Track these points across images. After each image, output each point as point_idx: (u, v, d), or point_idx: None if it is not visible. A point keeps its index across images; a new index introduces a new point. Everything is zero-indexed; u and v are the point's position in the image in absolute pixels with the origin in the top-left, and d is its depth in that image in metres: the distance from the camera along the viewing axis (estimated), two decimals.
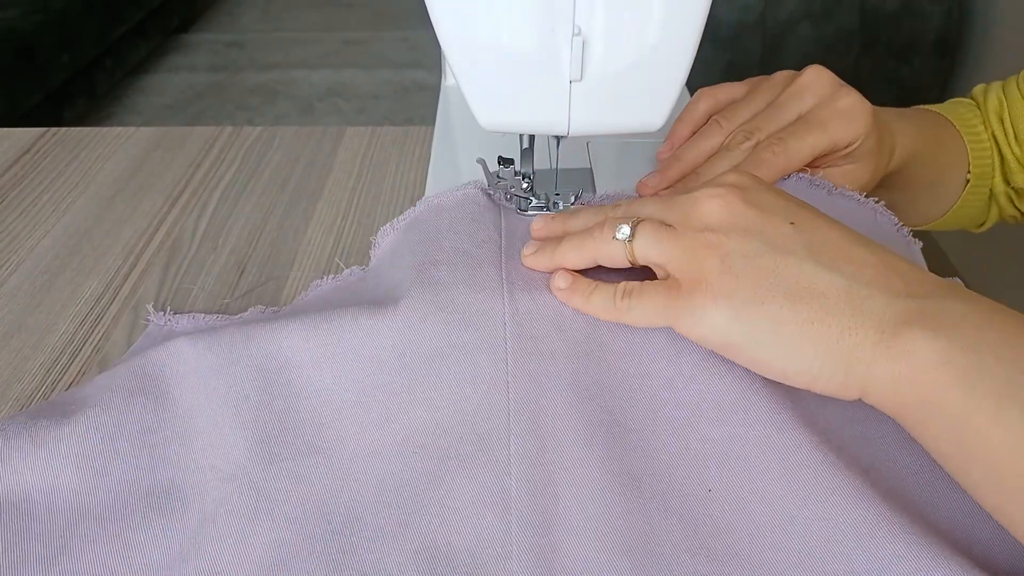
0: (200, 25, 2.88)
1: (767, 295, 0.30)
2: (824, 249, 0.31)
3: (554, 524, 0.30)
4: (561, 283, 0.36)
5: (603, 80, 0.36)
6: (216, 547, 0.30)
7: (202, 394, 0.35)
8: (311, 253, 0.50)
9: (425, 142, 0.62)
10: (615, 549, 0.29)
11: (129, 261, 0.50)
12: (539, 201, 0.45)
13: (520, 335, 0.35)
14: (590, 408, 0.33)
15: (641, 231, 0.34)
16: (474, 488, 0.32)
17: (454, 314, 0.35)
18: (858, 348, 0.29)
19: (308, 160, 0.60)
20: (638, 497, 0.31)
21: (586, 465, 0.31)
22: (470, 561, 0.30)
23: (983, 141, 0.52)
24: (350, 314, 0.36)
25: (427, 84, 2.39)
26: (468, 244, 0.39)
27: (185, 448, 0.34)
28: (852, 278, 0.30)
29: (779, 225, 0.32)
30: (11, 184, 0.58)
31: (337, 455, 0.33)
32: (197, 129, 0.65)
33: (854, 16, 1.52)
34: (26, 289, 0.47)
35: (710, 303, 0.31)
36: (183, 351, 0.36)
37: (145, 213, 0.54)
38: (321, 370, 0.35)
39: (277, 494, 0.32)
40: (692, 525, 0.30)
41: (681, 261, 0.33)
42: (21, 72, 1.87)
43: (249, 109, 2.30)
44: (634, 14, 0.34)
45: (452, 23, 0.36)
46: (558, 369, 0.34)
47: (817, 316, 0.30)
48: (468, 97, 0.38)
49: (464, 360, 0.34)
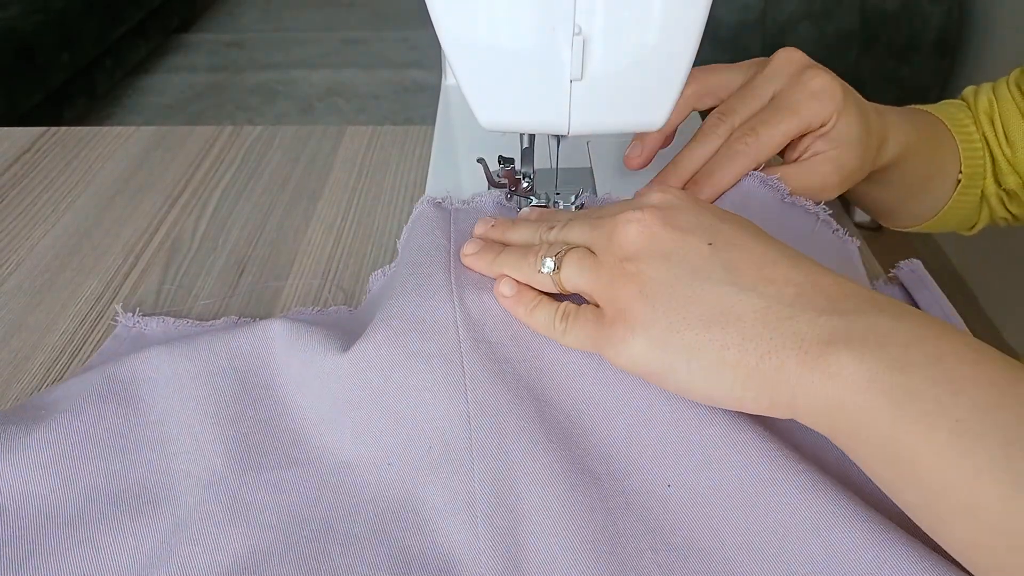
0: (200, 25, 2.88)
1: (683, 324, 0.30)
2: (743, 269, 0.31)
3: (519, 525, 0.31)
4: (506, 290, 0.36)
5: (603, 80, 0.36)
6: (189, 551, 0.31)
7: (177, 400, 0.35)
8: (311, 253, 0.50)
9: (425, 142, 0.62)
10: (579, 547, 0.30)
11: (129, 261, 0.50)
12: (539, 201, 0.45)
13: (474, 339, 0.35)
14: (548, 410, 0.34)
15: (567, 262, 0.34)
16: (444, 494, 0.32)
17: (405, 322, 0.36)
18: (780, 371, 0.28)
19: (308, 160, 0.60)
20: (599, 496, 0.31)
21: (547, 466, 0.32)
22: (442, 565, 0.31)
23: (975, 142, 0.52)
24: (328, 334, 0.37)
25: (427, 84, 2.39)
26: (419, 255, 0.39)
27: (157, 453, 0.34)
28: (771, 299, 0.29)
29: (697, 247, 0.32)
30: (11, 184, 0.58)
31: (315, 468, 0.34)
32: (197, 129, 0.65)
33: (854, 16, 1.52)
34: (26, 289, 0.47)
35: (629, 334, 0.31)
36: (158, 358, 0.36)
37: (145, 213, 0.54)
38: (301, 389, 0.36)
39: (254, 502, 0.32)
40: (653, 521, 0.31)
41: (604, 292, 0.33)
42: (21, 72, 1.87)
43: (249, 109, 2.30)
44: (634, 13, 0.34)
45: (452, 22, 0.36)
46: (514, 372, 0.35)
47: (733, 341, 0.29)
48: (468, 97, 0.38)
49: (420, 368, 0.35)
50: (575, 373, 0.35)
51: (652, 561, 0.30)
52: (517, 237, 0.39)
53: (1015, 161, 0.50)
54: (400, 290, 0.37)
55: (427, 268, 0.38)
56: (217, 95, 2.38)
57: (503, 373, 0.34)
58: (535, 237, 0.38)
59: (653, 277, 0.31)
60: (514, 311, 0.36)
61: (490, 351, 0.35)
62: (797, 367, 0.28)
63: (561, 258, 0.35)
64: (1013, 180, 0.50)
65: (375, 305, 0.42)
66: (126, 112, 2.30)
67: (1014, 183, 0.50)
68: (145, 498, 0.33)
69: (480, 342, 0.35)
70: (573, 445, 0.33)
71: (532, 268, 0.36)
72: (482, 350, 0.35)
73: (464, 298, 0.36)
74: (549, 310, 0.35)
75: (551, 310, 0.35)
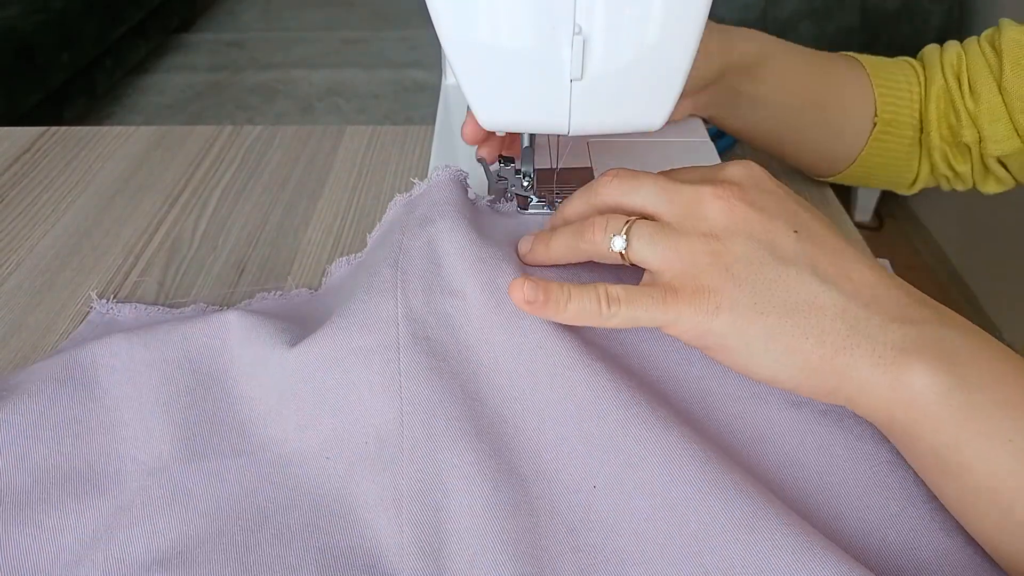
0: (200, 25, 2.88)
1: (767, 306, 0.31)
2: (825, 263, 0.31)
3: (443, 523, 0.31)
4: (531, 296, 0.33)
5: (604, 79, 0.36)
6: (127, 534, 0.31)
7: (131, 387, 0.36)
8: (311, 253, 0.50)
9: (425, 141, 0.62)
10: (500, 547, 0.30)
11: (129, 261, 0.50)
12: (540, 200, 0.45)
13: (413, 335, 0.35)
14: (480, 408, 0.34)
15: (636, 235, 0.33)
16: (373, 490, 0.33)
17: (350, 319, 0.36)
18: (850, 368, 0.30)
19: (308, 160, 0.60)
20: (525, 496, 0.32)
21: (475, 465, 0.32)
22: (368, 561, 0.31)
23: (899, 87, 0.52)
24: (283, 327, 0.37)
25: (427, 83, 2.38)
26: (378, 256, 0.39)
27: (108, 438, 0.34)
28: (850, 296, 0.30)
29: (784, 232, 0.32)
30: (11, 183, 0.58)
31: (258, 460, 0.34)
32: (197, 128, 0.65)
33: (855, 15, 1.52)
34: (26, 289, 0.47)
35: (712, 309, 0.31)
36: (117, 345, 0.37)
37: (145, 213, 0.54)
38: (250, 380, 0.36)
39: (194, 490, 0.33)
40: (578, 522, 0.31)
41: (682, 266, 0.32)
42: (21, 72, 1.87)
43: (249, 108, 2.30)
44: (635, 13, 0.34)
45: (452, 22, 0.35)
46: (450, 369, 0.35)
47: (813, 332, 0.30)
48: (468, 96, 0.38)
49: (360, 364, 0.35)
50: (510, 372, 0.35)
51: (572, 562, 0.30)
52: (571, 211, 0.38)
53: (977, 114, 0.49)
54: (353, 289, 0.38)
55: (378, 267, 0.38)
56: (217, 95, 2.38)
57: (439, 370, 0.34)
58: (588, 206, 0.37)
59: (740, 256, 0.31)
60: (543, 313, 0.33)
61: (428, 347, 0.35)
62: (869, 368, 0.29)
63: (629, 229, 0.34)
64: (971, 134, 0.50)
65: (335, 294, 0.43)
66: (126, 112, 2.30)
67: (971, 137, 0.50)
68: (92, 481, 0.33)
69: (418, 338, 0.35)
70: (503, 445, 0.33)
71: (591, 244, 0.35)
72: (420, 347, 0.35)
73: (408, 294, 0.36)
74: (588, 297, 0.33)
75: (590, 297, 0.33)
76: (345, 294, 0.40)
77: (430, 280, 0.37)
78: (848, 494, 0.32)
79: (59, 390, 0.35)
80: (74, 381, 0.36)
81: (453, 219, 0.38)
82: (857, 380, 0.29)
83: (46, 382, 0.35)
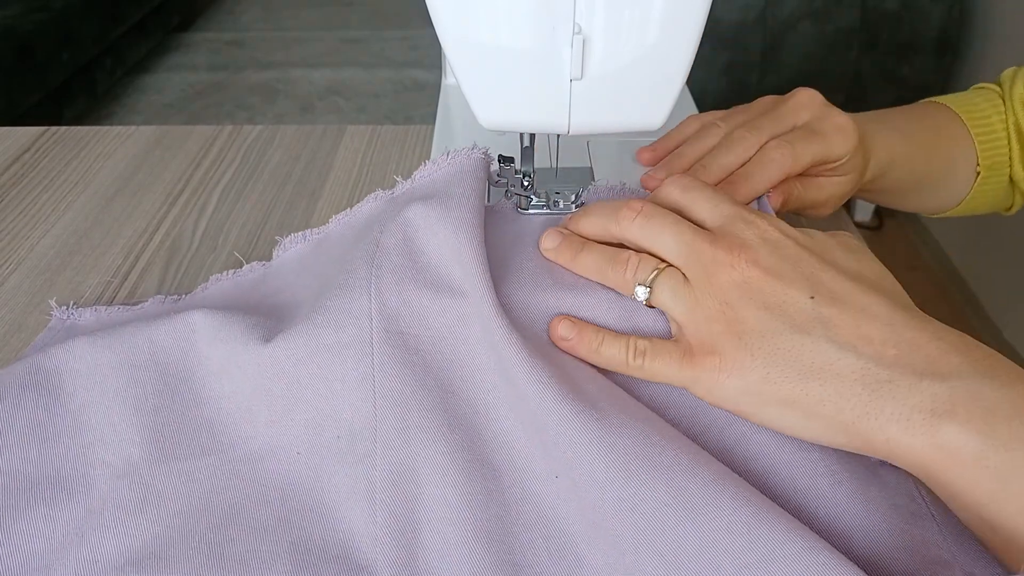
0: (200, 24, 2.88)
1: (780, 377, 0.30)
2: (842, 327, 0.30)
3: (417, 514, 0.31)
4: (566, 333, 0.35)
5: (603, 79, 0.36)
6: (98, 538, 0.31)
7: (97, 391, 0.35)
8: None
9: (425, 141, 0.62)
10: (473, 537, 0.31)
11: (129, 260, 0.50)
12: (539, 200, 0.45)
13: (386, 330, 0.35)
14: (453, 400, 0.34)
15: (660, 286, 0.34)
16: (346, 482, 0.33)
17: (324, 315, 0.36)
18: (879, 432, 0.29)
19: (308, 159, 0.60)
20: (497, 486, 0.32)
21: (447, 455, 0.32)
22: (341, 552, 0.31)
23: (995, 132, 0.51)
24: (252, 323, 0.37)
25: (427, 83, 2.38)
26: (352, 251, 0.39)
27: (75, 442, 0.34)
28: (870, 359, 0.29)
29: (798, 300, 0.31)
30: (11, 183, 0.58)
31: (228, 457, 0.34)
32: (197, 128, 0.65)
33: (855, 15, 1.52)
34: (26, 288, 0.47)
35: (723, 376, 0.31)
36: (80, 348, 0.36)
37: (145, 212, 0.54)
38: (220, 379, 0.36)
39: (165, 490, 0.33)
40: (548, 509, 0.32)
41: (697, 328, 0.33)
42: (21, 71, 1.87)
43: (249, 108, 2.30)
44: (634, 13, 0.34)
45: (452, 22, 0.35)
46: (423, 362, 0.35)
47: (830, 398, 0.29)
48: (468, 96, 0.38)
49: (333, 358, 0.35)
50: (483, 366, 0.35)
51: (543, 548, 0.31)
52: (588, 228, 0.38)
53: None
54: (328, 286, 0.38)
55: (352, 262, 0.38)
56: (217, 94, 2.38)
57: (412, 364, 0.35)
58: (605, 231, 0.37)
59: (752, 328, 0.31)
60: (575, 352, 0.35)
61: (401, 342, 0.35)
62: (899, 432, 0.28)
63: (654, 279, 0.34)
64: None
65: (296, 273, 0.43)
66: (126, 111, 2.30)
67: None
68: (60, 486, 0.33)
69: (392, 333, 0.35)
70: (476, 436, 0.33)
71: (619, 280, 0.35)
72: (393, 341, 0.35)
73: (382, 289, 0.36)
74: (618, 347, 0.34)
75: (620, 346, 0.34)
76: (315, 285, 0.40)
77: (404, 275, 0.37)
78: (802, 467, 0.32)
79: (23, 396, 0.35)
80: (38, 386, 0.35)
81: (432, 215, 0.38)
82: (887, 443, 0.28)
83: (9, 388, 0.35)
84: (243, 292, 0.43)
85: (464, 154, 0.41)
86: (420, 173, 0.43)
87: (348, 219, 0.44)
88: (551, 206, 0.44)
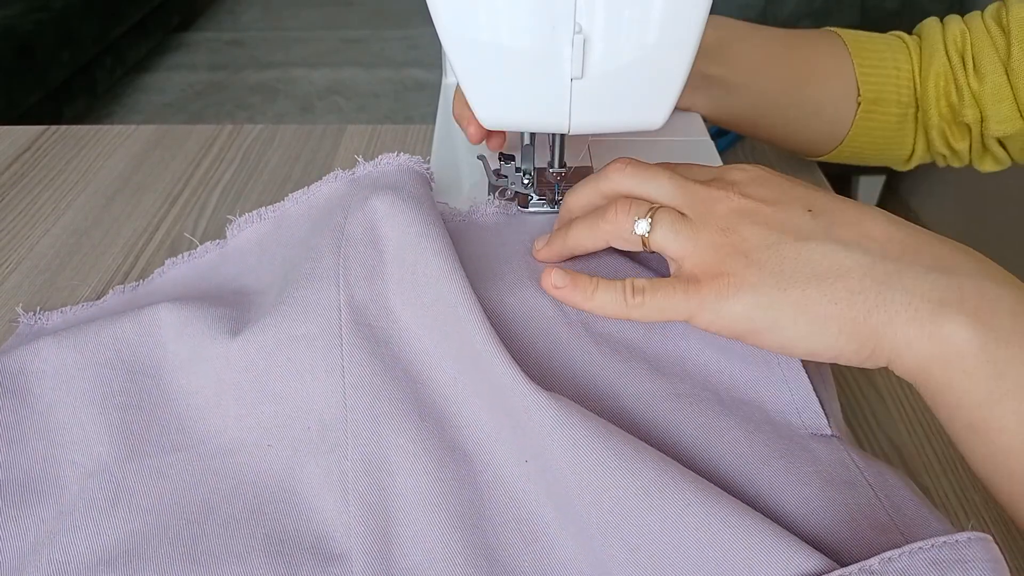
0: (200, 23, 2.88)
1: (790, 281, 0.30)
2: (845, 230, 0.31)
3: (390, 502, 0.32)
4: (559, 281, 0.35)
5: (604, 78, 0.36)
6: (70, 538, 0.31)
7: (64, 391, 0.35)
8: None
9: (426, 140, 0.62)
10: (447, 522, 0.31)
11: (129, 260, 0.50)
12: (540, 198, 0.45)
13: (355, 322, 0.35)
14: (422, 389, 0.34)
15: (659, 223, 0.34)
16: (318, 473, 0.33)
17: (292, 307, 0.36)
18: (887, 325, 0.29)
19: (308, 159, 0.60)
20: (469, 472, 0.32)
21: (419, 443, 0.32)
22: (315, 542, 0.31)
23: (883, 63, 0.51)
24: (218, 316, 0.37)
25: (427, 82, 2.38)
26: (317, 237, 0.39)
27: (44, 443, 0.34)
28: (876, 254, 0.30)
29: (796, 214, 0.32)
30: (11, 182, 0.58)
31: (198, 452, 0.34)
32: (197, 128, 0.65)
33: (855, 15, 1.52)
34: (26, 288, 0.47)
35: (733, 295, 0.31)
36: (46, 349, 0.36)
37: (145, 212, 0.54)
38: (188, 374, 0.36)
39: (136, 488, 0.33)
40: (519, 492, 0.32)
41: (702, 255, 0.33)
42: (21, 70, 1.87)
43: (249, 107, 2.30)
44: (635, 12, 0.34)
45: (453, 21, 0.35)
46: (392, 353, 0.35)
47: (842, 296, 0.29)
48: (469, 95, 0.38)
49: (302, 350, 0.35)
50: (451, 354, 0.35)
51: (515, 531, 0.31)
52: (578, 201, 0.38)
53: (980, 93, 0.49)
54: (294, 275, 0.38)
55: (319, 251, 0.38)
56: (217, 94, 2.38)
57: (381, 355, 0.35)
58: (596, 193, 0.37)
59: (758, 244, 0.32)
60: (571, 300, 0.35)
61: (370, 333, 0.35)
62: (906, 324, 0.28)
63: (652, 217, 0.34)
64: (973, 114, 0.50)
65: (257, 255, 0.43)
66: (126, 111, 2.30)
67: (972, 117, 0.50)
68: (30, 487, 0.33)
69: (360, 324, 0.35)
70: (446, 423, 0.34)
71: (613, 225, 0.35)
72: (362, 332, 0.35)
73: (350, 282, 0.36)
74: (613, 289, 0.34)
75: (616, 289, 0.34)
76: (280, 271, 0.40)
77: (373, 268, 0.37)
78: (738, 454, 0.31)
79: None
80: (3, 389, 0.35)
81: (396, 205, 0.38)
82: (895, 339, 0.29)
83: None
84: (201, 275, 0.43)
85: (405, 157, 0.42)
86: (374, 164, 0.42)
87: (307, 198, 0.43)
88: (551, 205, 0.44)
